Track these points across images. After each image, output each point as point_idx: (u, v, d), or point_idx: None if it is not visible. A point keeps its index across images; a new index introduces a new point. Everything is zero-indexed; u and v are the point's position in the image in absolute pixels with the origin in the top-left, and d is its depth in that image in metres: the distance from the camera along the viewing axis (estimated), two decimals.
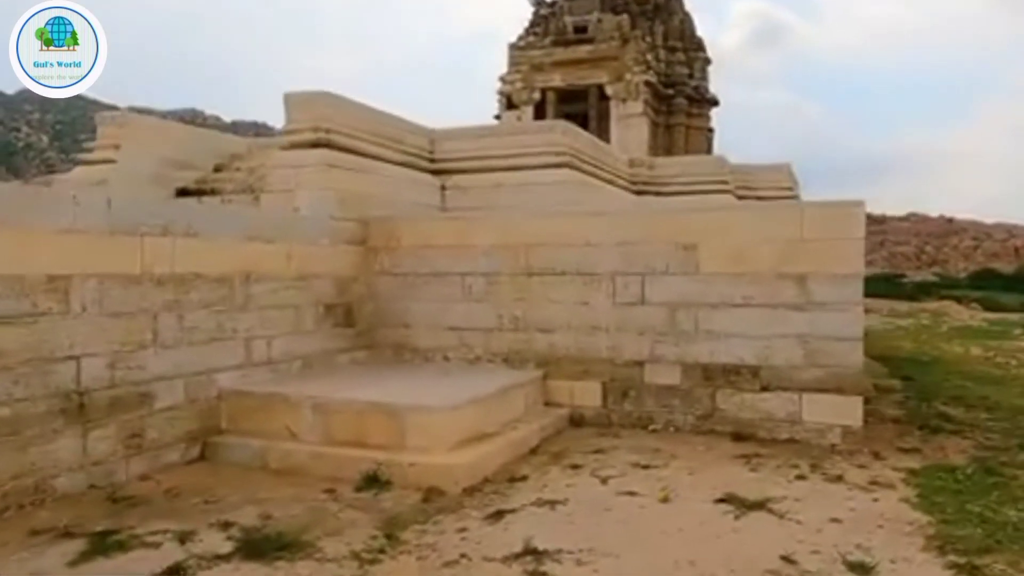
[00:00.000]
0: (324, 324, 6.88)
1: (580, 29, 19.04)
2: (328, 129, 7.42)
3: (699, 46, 20.50)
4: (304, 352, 6.60)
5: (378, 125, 8.25)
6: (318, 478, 4.92)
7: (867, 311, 24.94)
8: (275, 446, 5.28)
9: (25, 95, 67.20)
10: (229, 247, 5.77)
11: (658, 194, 11.49)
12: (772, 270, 6.12)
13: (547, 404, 6.78)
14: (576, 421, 6.68)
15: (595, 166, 9.61)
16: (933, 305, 30.11)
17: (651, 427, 6.45)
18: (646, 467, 5.29)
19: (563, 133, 8.91)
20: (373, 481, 4.75)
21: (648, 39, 19.06)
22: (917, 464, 5.40)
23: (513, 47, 19.44)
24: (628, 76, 17.99)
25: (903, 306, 29.20)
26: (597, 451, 5.77)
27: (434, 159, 9.31)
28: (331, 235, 6.98)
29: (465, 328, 7.12)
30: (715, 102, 20.47)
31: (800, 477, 5.08)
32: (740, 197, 12.08)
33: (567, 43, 18.78)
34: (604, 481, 4.97)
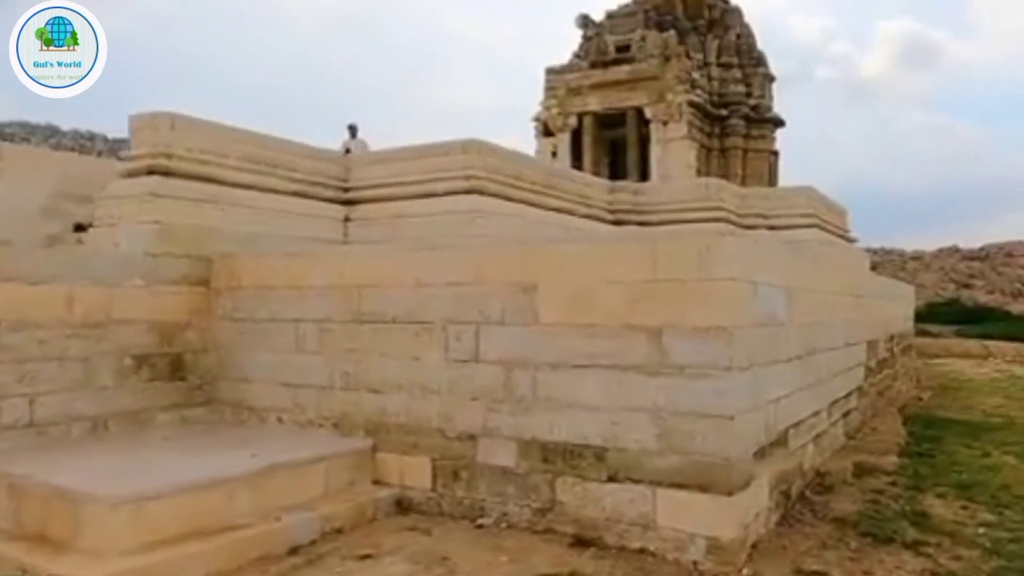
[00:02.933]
0: (133, 379, 5.93)
1: (622, 48, 17.67)
2: (169, 155, 6.54)
3: (759, 61, 18.59)
4: (95, 412, 5.66)
5: (257, 150, 7.32)
6: None
7: (988, 355, 21.84)
8: None
9: None
10: None
11: (642, 224, 9.93)
12: (620, 320, 4.62)
13: (376, 482, 5.49)
14: (404, 506, 5.35)
15: (533, 191, 8.26)
16: None
17: (480, 520, 5.02)
18: None
19: (478, 152, 7.65)
20: None
21: (698, 56, 17.42)
22: None
23: (549, 71, 18.28)
24: (670, 96, 16.42)
25: None
26: (366, 556, 4.45)
27: (348, 188, 8.29)
28: (147, 275, 6.04)
29: (298, 385, 5.97)
30: (779, 122, 18.44)
31: None
32: (748, 227, 10.30)
33: (605, 64, 17.46)
34: None
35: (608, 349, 4.65)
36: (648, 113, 16.67)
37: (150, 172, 6.48)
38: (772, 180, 17.01)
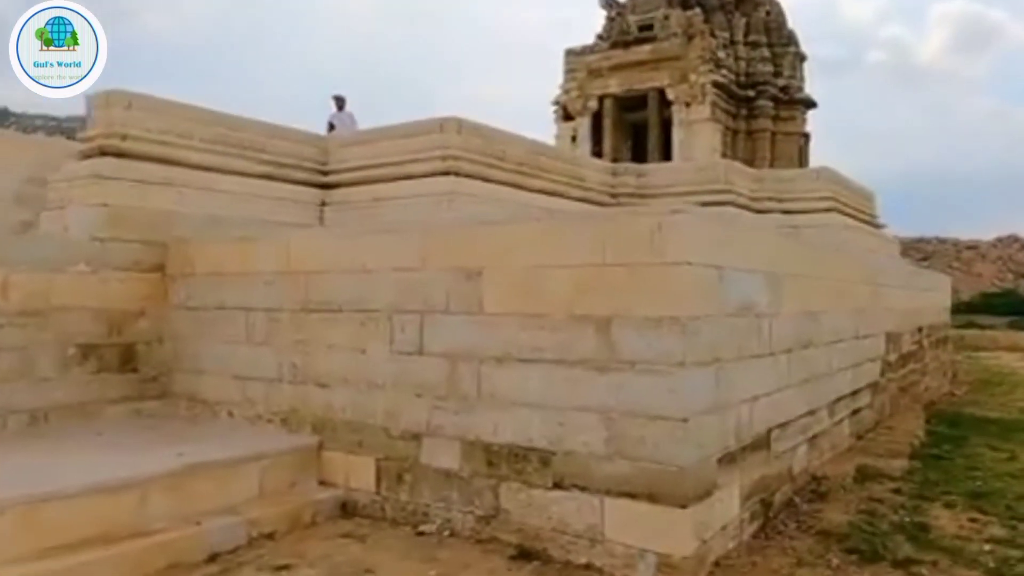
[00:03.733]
0: (77, 370, 5.65)
1: (645, 28, 16.97)
2: (124, 135, 6.23)
3: (789, 40, 17.69)
4: (35, 405, 5.40)
5: (224, 130, 6.98)
6: None
7: None
8: None
9: None
10: None
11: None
12: (567, 310, 4.15)
13: (323, 483, 5.12)
14: (349, 509, 4.97)
15: (519, 172, 7.78)
16: None
17: (422, 527, 4.61)
18: None
19: (457, 131, 7.19)
20: None
21: (725, 35, 16.63)
22: None
23: (569, 52, 17.66)
24: (693, 77, 15.70)
25: None
26: (283, 567, 4.07)
27: (327, 171, 7.91)
28: (93, 260, 5.75)
29: (248, 378, 5.63)
30: (810, 103, 17.54)
31: None
32: (761, 211, 9.67)
33: (627, 44, 16.78)
34: None
35: (555, 342, 4.18)
36: (670, 94, 15.96)
37: (102, 153, 6.18)
38: (803, 164, 16.16)
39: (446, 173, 7.00)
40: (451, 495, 4.55)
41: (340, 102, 12.16)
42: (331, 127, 11.23)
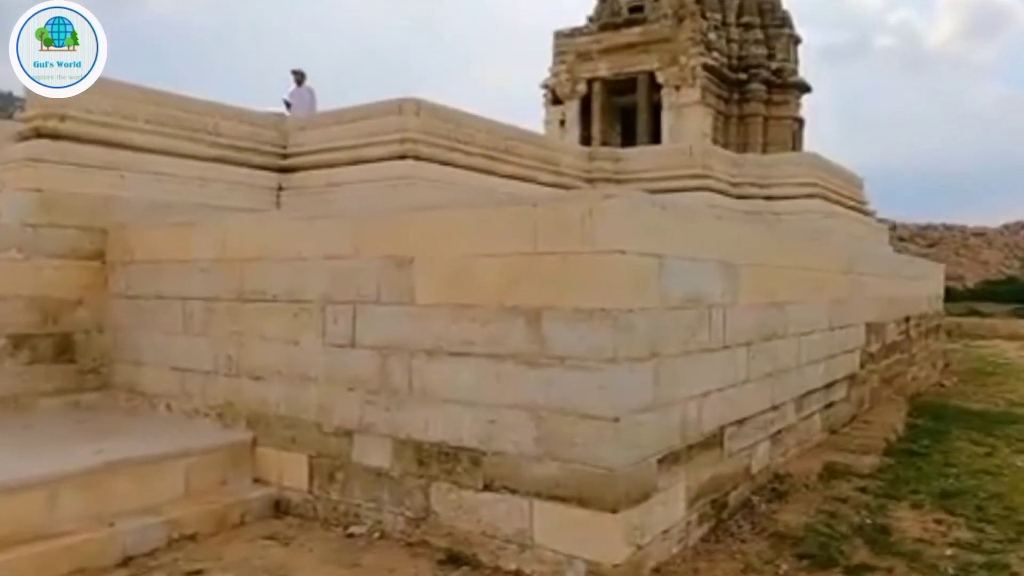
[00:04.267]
0: (8, 361, 5.43)
1: (635, 9, 16.60)
2: (63, 116, 5.98)
3: (783, 21, 17.28)
4: None
5: (173, 111, 6.71)
6: None
7: None
8: None
9: None
10: None
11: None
12: (498, 301, 3.90)
13: (257, 481, 4.89)
14: (283, 509, 4.75)
15: (485, 156, 7.50)
16: None
17: (352, 529, 4.39)
18: None
19: (416, 113, 6.91)
20: None
21: (717, 16, 16.25)
22: None
23: (558, 35, 17.31)
24: (683, 59, 15.34)
25: None
26: (196, 572, 3.85)
27: (287, 154, 7.65)
28: (26, 247, 5.52)
29: (186, 369, 5.40)
30: (804, 87, 17.16)
31: None
32: (741, 196, 9.37)
33: (616, 26, 16.42)
34: None
35: (485, 335, 3.94)
36: (660, 77, 15.60)
37: (39, 135, 5.93)
38: (796, 149, 15.81)
39: (403, 157, 6.73)
40: (382, 495, 4.32)
41: (299, 77, 11.43)
42: (288, 104, 10.79)
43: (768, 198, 9.35)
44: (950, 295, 33.01)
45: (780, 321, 5.57)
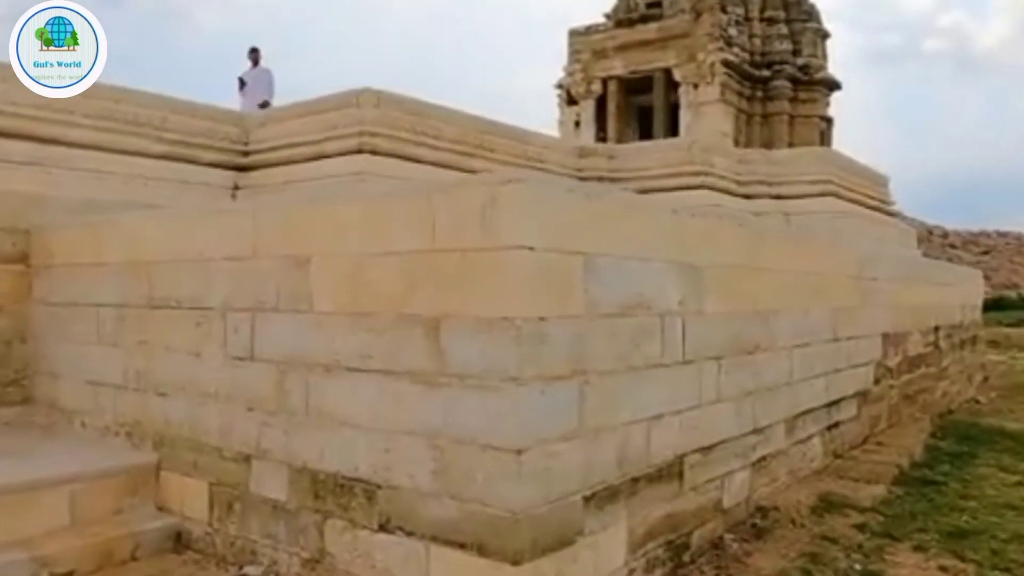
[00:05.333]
0: None
1: (653, 5, 15.91)
2: None
3: (809, 15, 16.40)
4: None
5: (114, 105, 6.29)
6: None
7: None
8: None
9: None
10: None
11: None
12: (396, 308, 3.31)
13: (161, 509, 4.38)
14: (184, 542, 4.22)
15: (454, 151, 6.93)
16: None
17: (247, 569, 3.84)
18: None
19: (375, 105, 6.36)
20: None
21: (738, 10, 15.47)
22: None
23: (573, 33, 16.69)
24: (701, 55, 14.61)
25: None
26: None
27: (248, 151, 7.18)
28: None
29: (100, 383, 4.91)
30: (833, 84, 16.25)
31: None
32: (748, 195, 8.64)
33: (632, 22, 15.75)
34: None
35: (383, 348, 3.35)
36: (677, 75, 14.89)
37: None
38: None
39: (359, 151, 6.20)
40: (278, 531, 3.76)
41: (255, 56, 10.50)
42: (242, 83, 10.12)
43: (777, 197, 8.61)
44: (1002, 304, 31.40)
45: (764, 332, 4.89)
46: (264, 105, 9.05)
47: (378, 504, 3.34)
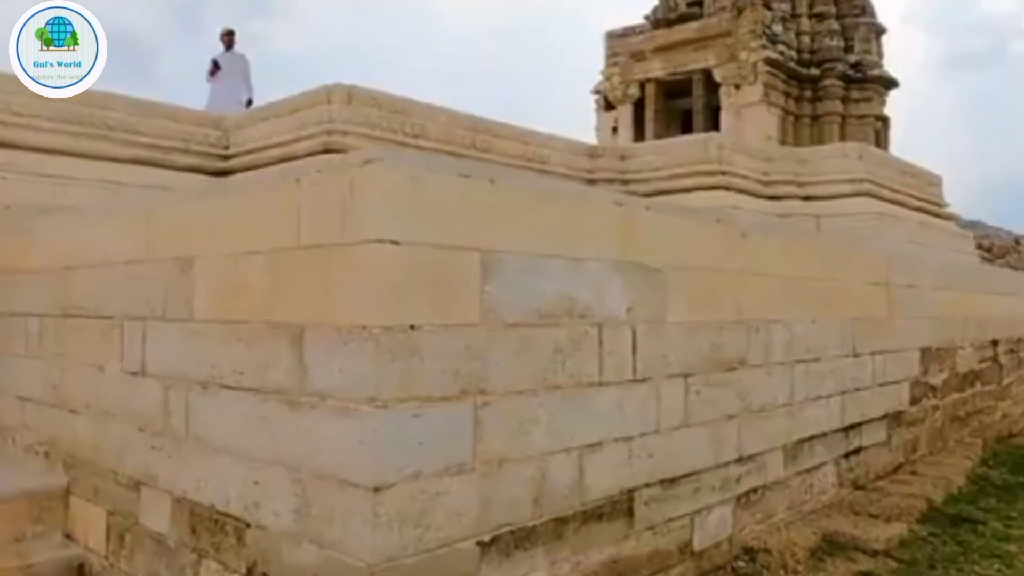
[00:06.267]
0: None
1: (693, 3, 15.21)
2: None
3: (862, 9, 15.39)
4: None
5: (81, 107, 6.05)
6: None
7: None
8: None
9: None
10: None
11: (630, 195, 7.78)
12: (265, 315, 2.84)
13: (68, 537, 4.00)
14: (87, 574, 3.83)
15: (447, 152, 6.45)
16: None
17: None
18: None
19: (346, 102, 5.95)
20: None
21: (785, 6, 14.63)
22: None
23: (610, 36, 16.10)
24: (743, 55, 13.82)
25: None
26: None
27: (228, 155, 6.87)
28: None
29: (27, 398, 4.59)
30: (890, 82, 15.21)
31: None
32: (773, 197, 7.91)
33: (671, 23, 15.07)
34: None
35: (253, 362, 2.88)
36: (717, 75, 14.16)
37: None
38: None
39: (327, 151, 5.79)
40: (161, 570, 3.31)
41: (229, 38, 9.71)
42: (215, 66, 9.40)
43: (807, 198, 7.85)
44: None
45: (752, 345, 4.23)
46: (250, 103, 8.74)
47: (246, 545, 2.86)
